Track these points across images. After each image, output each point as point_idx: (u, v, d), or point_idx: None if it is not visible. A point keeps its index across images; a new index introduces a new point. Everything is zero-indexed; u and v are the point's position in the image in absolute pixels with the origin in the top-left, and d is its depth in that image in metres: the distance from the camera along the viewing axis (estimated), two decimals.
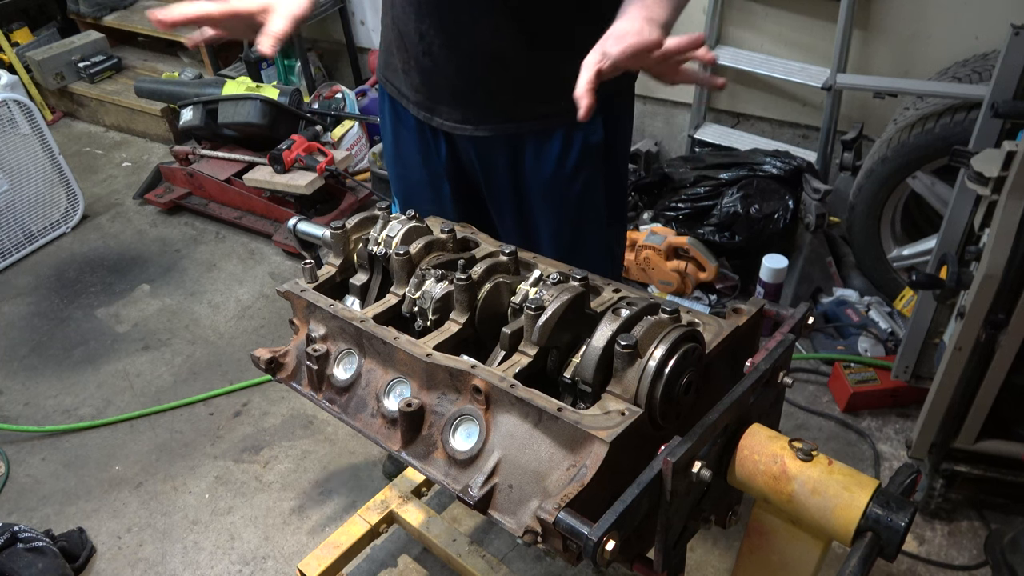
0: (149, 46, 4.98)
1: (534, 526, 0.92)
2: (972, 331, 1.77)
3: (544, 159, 1.50)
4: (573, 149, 1.49)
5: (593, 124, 1.49)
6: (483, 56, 1.40)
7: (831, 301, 2.80)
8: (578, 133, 1.48)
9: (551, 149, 1.49)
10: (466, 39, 1.39)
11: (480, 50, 1.39)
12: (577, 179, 1.53)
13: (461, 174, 1.61)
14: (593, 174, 1.54)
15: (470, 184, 1.63)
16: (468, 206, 1.65)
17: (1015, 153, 1.59)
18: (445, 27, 1.38)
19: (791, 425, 2.44)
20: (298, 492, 2.37)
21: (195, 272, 3.41)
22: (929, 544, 2.08)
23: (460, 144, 1.55)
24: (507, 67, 1.41)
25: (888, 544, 0.87)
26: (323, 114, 3.77)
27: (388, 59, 1.55)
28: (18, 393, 2.84)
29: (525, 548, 2.12)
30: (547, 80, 1.43)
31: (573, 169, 1.51)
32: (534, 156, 1.51)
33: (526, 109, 1.46)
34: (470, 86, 1.44)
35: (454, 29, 1.38)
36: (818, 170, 2.92)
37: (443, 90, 1.46)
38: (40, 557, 2.06)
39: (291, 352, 1.30)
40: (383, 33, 1.55)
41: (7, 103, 3.36)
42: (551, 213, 1.59)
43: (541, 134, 1.48)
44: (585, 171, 1.53)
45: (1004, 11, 2.50)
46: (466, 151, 1.55)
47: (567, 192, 1.55)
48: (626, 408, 0.95)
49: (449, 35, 1.39)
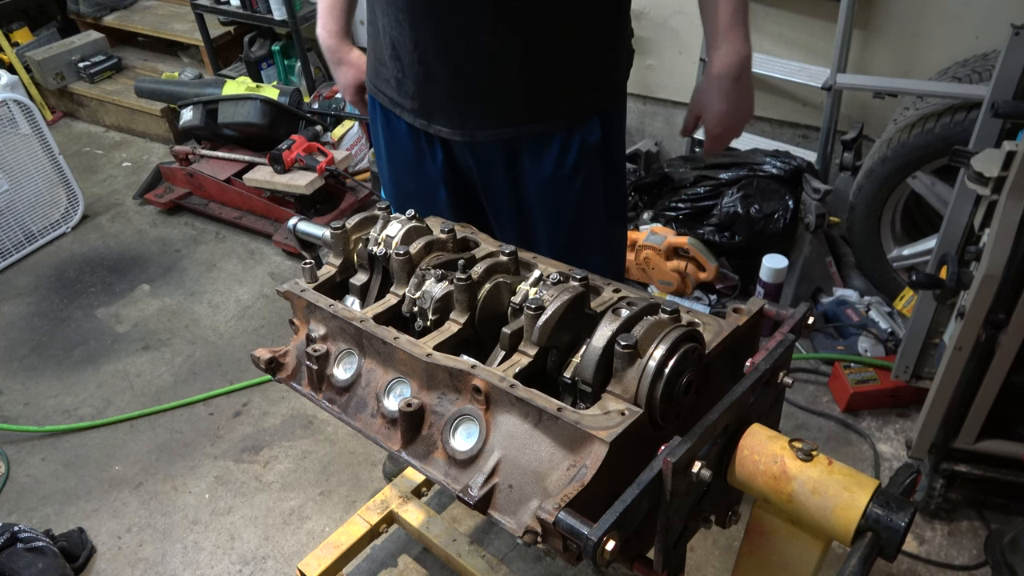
0: (149, 46, 4.98)
1: (534, 526, 0.92)
2: (972, 331, 1.77)
3: (543, 161, 1.51)
4: (571, 150, 1.50)
5: (590, 124, 1.50)
6: (479, 62, 1.40)
7: (831, 301, 2.80)
8: (576, 134, 1.49)
9: (550, 151, 1.49)
10: (462, 45, 1.38)
11: (476, 56, 1.39)
12: (576, 180, 1.53)
13: (458, 179, 1.61)
14: (591, 174, 1.55)
15: (467, 189, 1.63)
16: (465, 211, 1.65)
17: (1015, 153, 1.59)
18: (440, 35, 1.38)
19: (791, 425, 2.44)
20: (298, 492, 2.37)
21: (195, 272, 3.41)
22: (929, 544, 2.08)
23: (457, 150, 1.54)
24: (504, 72, 1.41)
25: (888, 544, 0.87)
26: (323, 114, 3.77)
27: (378, 68, 1.55)
28: (18, 393, 2.84)
29: (525, 548, 2.12)
30: (544, 84, 1.44)
31: (572, 170, 1.52)
32: (532, 159, 1.51)
33: (524, 113, 1.46)
34: (467, 92, 1.44)
35: (449, 36, 1.38)
36: (818, 170, 2.92)
37: (439, 97, 1.46)
38: (40, 557, 2.06)
39: (291, 352, 1.30)
40: (370, 43, 1.55)
41: (7, 103, 3.37)
42: (550, 215, 1.59)
43: (539, 136, 1.49)
44: (583, 171, 1.53)
45: (1004, 11, 2.50)
46: (463, 157, 1.55)
47: (566, 193, 1.55)
48: (626, 408, 0.95)
49: (444, 42, 1.39)
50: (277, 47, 4.44)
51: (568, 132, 1.48)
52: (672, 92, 3.43)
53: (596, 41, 1.43)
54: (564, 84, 1.45)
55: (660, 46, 3.37)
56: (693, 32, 3.14)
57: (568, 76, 1.44)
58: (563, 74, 1.43)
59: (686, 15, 3.25)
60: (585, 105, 1.48)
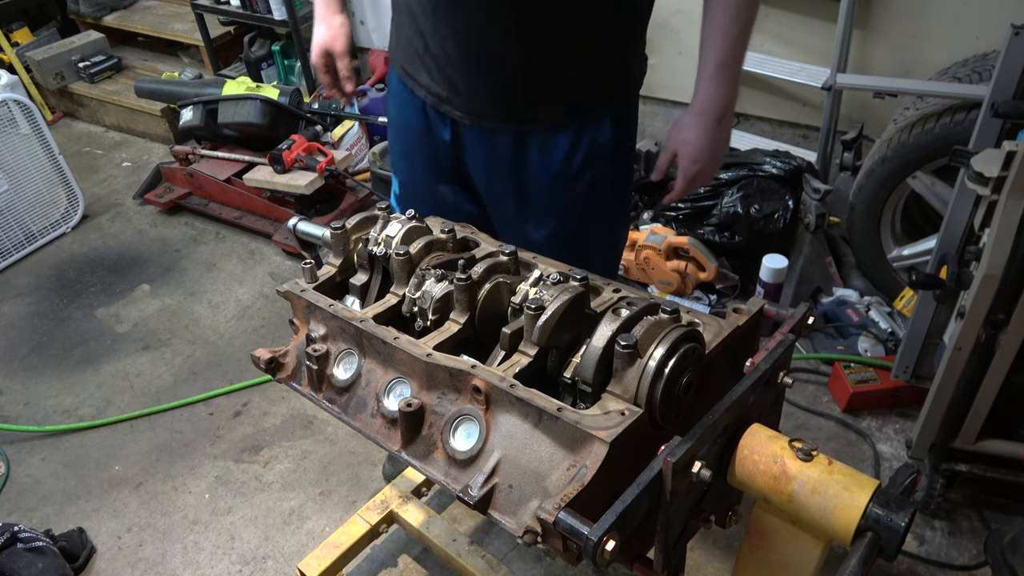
0: (149, 46, 4.98)
1: (534, 526, 0.92)
2: (972, 331, 1.77)
3: (550, 157, 1.51)
4: (581, 148, 1.50)
5: (602, 124, 1.50)
6: (489, 58, 1.42)
7: (831, 301, 2.80)
8: (587, 132, 1.49)
9: (558, 147, 1.50)
10: (474, 41, 1.41)
11: (487, 52, 1.42)
12: (583, 179, 1.54)
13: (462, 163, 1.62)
14: (599, 174, 1.55)
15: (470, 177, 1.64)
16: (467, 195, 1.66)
17: (1015, 153, 1.59)
18: (455, 28, 1.41)
19: (791, 425, 2.44)
20: (298, 492, 2.37)
21: (195, 272, 3.41)
22: (929, 544, 2.08)
23: (465, 134, 1.56)
24: (511, 70, 1.43)
25: (888, 544, 0.87)
26: (323, 114, 3.77)
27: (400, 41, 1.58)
28: (18, 393, 2.84)
29: (525, 548, 2.13)
30: (549, 83, 1.45)
31: (579, 168, 1.52)
32: (539, 153, 1.51)
33: (530, 110, 1.48)
34: (477, 84, 1.46)
35: (465, 30, 1.41)
36: (818, 170, 2.92)
37: (454, 82, 1.48)
38: (40, 557, 2.06)
39: (291, 352, 1.30)
40: (398, 21, 1.57)
41: (7, 103, 3.37)
42: (552, 210, 1.59)
43: (547, 131, 1.50)
44: (591, 171, 1.53)
45: (1004, 11, 2.50)
46: (471, 142, 1.56)
47: (572, 190, 1.55)
48: (626, 408, 0.95)
49: (459, 34, 1.42)
50: (277, 47, 4.44)
51: (579, 130, 1.49)
52: (672, 92, 3.43)
53: (607, 43, 1.44)
54: (568, 84, 1.45)
55: (660, 46, 3.37)
56: (693, 32, 3.12)
57: (573, 76, 1.44)
58: (568, 74, 1.44)
59: (686, 15, 3.25)
60: (596, 105, 1.48)
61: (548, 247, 1.56)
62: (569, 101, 1.47)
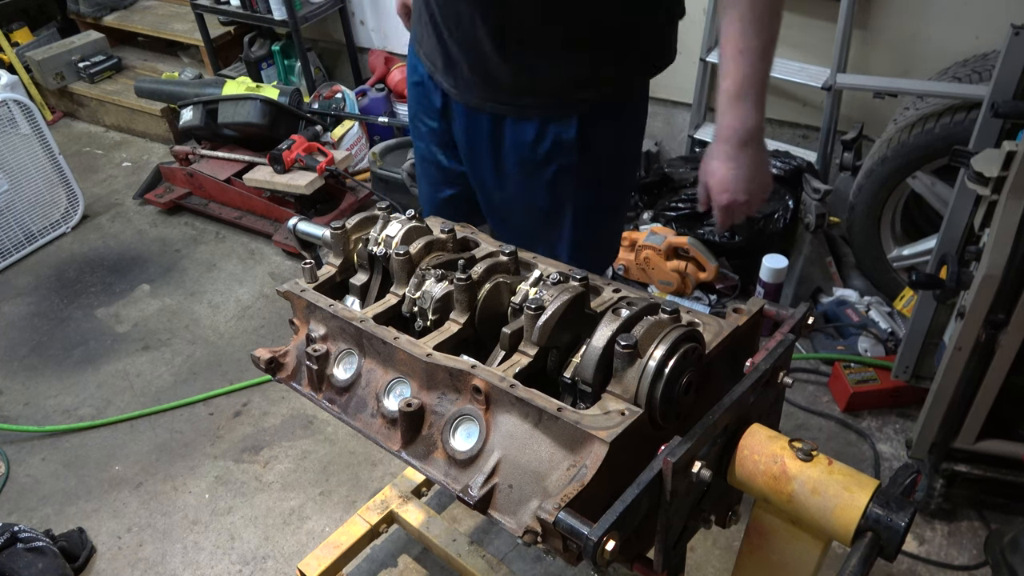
0: (149, 46, 4.98)
1: (534, 526, 0.92)
2: (972, 331, 1.77)
3: (520, 141, 1.58)
4: (545, 140, 1.55)
5: (566, 121, 1.53)
6: (469, 46, 1.49)
7: (831, 301, 2.80)
8: (551, 126, 1.54)
9: (527, 134, 1.56)
10: (459, 30, 1.49)
11: (467, 40, 1.49)
12: (547, 168, 1.59)
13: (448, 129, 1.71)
14: (565, 169, 1.59)
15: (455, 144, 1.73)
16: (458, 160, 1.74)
17: (1015, 153, 1.59)
18: (445, 14, 1.50)
19: (791, 425, 2.44)
20: (298, 492, 2.37)
21: (195, 272, 3.41)
22: (929, 544, 2.08)
23: (453, 105, 1.64)
24: (489, 63, 1.49)
25: (888, 544, 0.87)
26: (323, 114, 3.77)
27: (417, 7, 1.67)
28: (18, 393, 2.84)
29: (525, 548, 2.13)
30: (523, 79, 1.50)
31: (545, 156, 1.57)
32: (512, 135, 1.58)
33: (505, 98, 1.54)
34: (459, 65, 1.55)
35: (453, 16, 1.49)
36: (818, 170, 2.92)
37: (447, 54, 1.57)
38: (40, 557, 2.06)
39: (291, 352, 1.30)
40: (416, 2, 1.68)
41: (7, 103, 3.37)
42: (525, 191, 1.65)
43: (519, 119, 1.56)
44: (556, 163, 1.58)
45: (1004, 11, 2.50)
46: (457, 112, 1.64)
47: (538, 176, 1.61)
48: (626, 408, 0.95)
49: (447, 19, 1.50)
50: (277, 47, 4.44)
51: (544, 123, 1.53)
52: (672, 92, 3.42)
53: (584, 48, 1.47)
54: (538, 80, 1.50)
55: None
56: (693, 32, 3.13)
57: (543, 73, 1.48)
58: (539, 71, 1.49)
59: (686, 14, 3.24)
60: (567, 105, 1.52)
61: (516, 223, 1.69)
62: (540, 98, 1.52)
